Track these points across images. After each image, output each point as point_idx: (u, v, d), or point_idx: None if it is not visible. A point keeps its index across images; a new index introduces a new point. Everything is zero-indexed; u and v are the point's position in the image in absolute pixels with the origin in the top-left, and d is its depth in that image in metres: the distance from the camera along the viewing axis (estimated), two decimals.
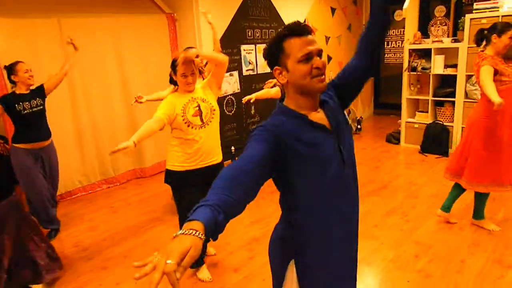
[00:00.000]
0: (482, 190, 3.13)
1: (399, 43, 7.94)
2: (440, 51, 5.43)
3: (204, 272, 2.77)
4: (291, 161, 1.26)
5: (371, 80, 8.14)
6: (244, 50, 5.64)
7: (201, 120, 2.50)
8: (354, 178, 1.46)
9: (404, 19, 7.23)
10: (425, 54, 5.61)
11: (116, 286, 2.77)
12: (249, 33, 5.68)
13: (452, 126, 5.36)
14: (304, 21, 6.52)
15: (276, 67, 1.31)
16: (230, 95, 5.47)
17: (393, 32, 8.00)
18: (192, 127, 2.48)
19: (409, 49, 5.70)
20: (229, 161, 5.56)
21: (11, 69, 3.29)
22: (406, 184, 4.35)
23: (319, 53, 1.26)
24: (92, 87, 4.49)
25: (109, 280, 2.84)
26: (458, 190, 3.32)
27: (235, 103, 5.62)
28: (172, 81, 2.60)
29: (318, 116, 1.32)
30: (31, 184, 3.41)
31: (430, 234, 3.25)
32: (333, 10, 7.16)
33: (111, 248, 3.31)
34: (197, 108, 2.50)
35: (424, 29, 5.87)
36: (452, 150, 5.35)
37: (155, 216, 3.88)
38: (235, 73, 5.57)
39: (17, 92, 3.34)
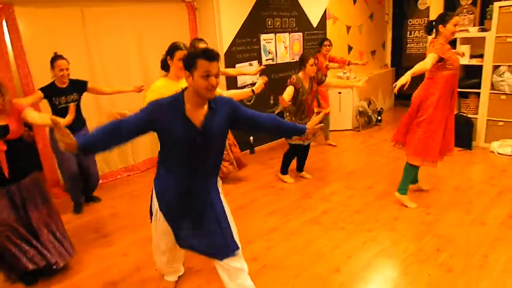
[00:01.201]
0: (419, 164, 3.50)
1: (422, 32, 7.74)
2: (466, 40, 5.27)
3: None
4: (159, 132, 1.95)
5: (392, 71, 7.98)
6: (263, 39, 5.59)
7: None
8: (206, 163, 2.03)
9: (427, 7, 7.04)
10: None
11: (136, 272, 2.82)
12: (269, 22, 5.62)
13: (477, 118, 5.22)
14: (324, 11, 6.42)
15: (188, 72, 1.84)
16: (249, 85, 5.45)
17: (416, 21, 7.81)
18: None
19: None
20: (248, 151, 5.57)
21: (51, 62, 3.47)
22: (427, 177, 4.25)
23: (217, 74, 1.84)
24: (112, 76, 4.53)
25: (129, 266, 2.89)
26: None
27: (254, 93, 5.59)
28: (164, 67, 2.82)
29: (198, 113, 1.91)
30: (63, 165, 3.70)
31: (452, 228, 3.18)
32: None
33: (132, 235, 3.37)
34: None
35: None
36: (476, 143, 5.23)
37: None
38: (255, 63, 5.53)
39: (57, 84, 3.53)
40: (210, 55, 1.81)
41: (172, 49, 2.72)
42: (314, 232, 3.26)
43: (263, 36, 5.57)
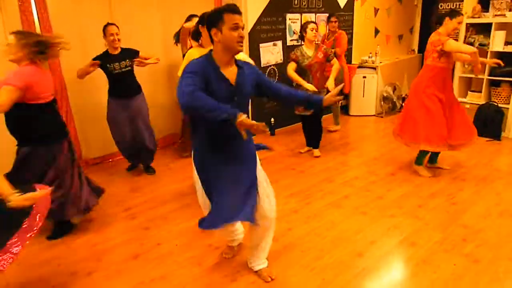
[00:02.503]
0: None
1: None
2: (502, 26, 5.04)
3: None
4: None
5: (418, 56, 7.74)
6: (289, 19, 5.47)
7: None
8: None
9: None
10: (484, 29, 5.23)
11: (157, 246, 2.84)
12: (296, 1, 5.48)
13: (508, 109, 5.02)
14: None
15: (214, 28, 1.88)
16: (273, 65, 5.36)
17: (448, 6, 7.50)
18: None
19: (467, 23, 5.32)
20: (268, 132, 5.51)
21: (103, 29, 3.66)
22: (453, 166, 4.14)
23: (243, 27, 1.90)
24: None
25: (150, 240, 2.92)
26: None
27: (277, 74, 5.51)
28: (194, 36, 2.96)
29: (229, 72, 1.96)
30: (117, 130, 3.95)
31: (479, 219, 3.09)
32: None
33: (153, 210, 3.39)
34: None
35: (485, 2, 5.43)
36: (506, 133, 5.05)
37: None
38: (279, 43, 5.43)
39: (110, 52, 3.73)
40: (235, 8, 1.89)
41: (204, 17, 2.79)
42: (335, 216, 3.21)
43: (289, 16, 5.45)
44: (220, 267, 2.56)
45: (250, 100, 2.16)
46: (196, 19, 3.66)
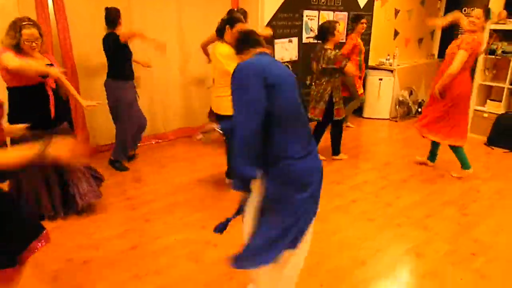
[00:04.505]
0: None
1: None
2: None
3: None
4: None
5: (437, 62, 7.53)
6: (306, 16, 5.35)
7: None
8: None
9: None
10: (508, 36, 5.03)
11: (156, 239, 2.78)
12: None
13: None
14: None
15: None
16: (287, 62, 5.26)
17: (472, 10, 7.26)
18: None
19: (490, 29, 5.13)
20: None
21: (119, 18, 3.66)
22: (467, 177, 4.00)
23: None
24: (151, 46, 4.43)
25: (149, 233, 2.86)
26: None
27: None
28: (219, 32, 3.17)
29: None
30: (136, 114, 3.97)
31: (491, 233, 2.96)
32: None
33: (155, 202, 3.34)
34: None
35: (510, 9, 5.23)
36: None
37: (200, 177, 3.86)
38: (295, 39, 5.32)
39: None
40: None
41: (234, 20, 3.04)
42: (341, 220, 3.11)
43: (306, 12, 5.33)
44: (217, 265, 2.49)
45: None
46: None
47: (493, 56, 5.07)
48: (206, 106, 4.85)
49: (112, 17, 3.56)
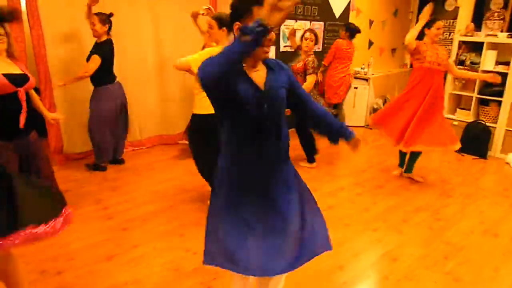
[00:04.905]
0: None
1: (446, 34, 7.51)
2: (494, 46, 5.08)
3: None
4: (222, 94, 1.52)
5: (410, 71, 7.77)
6: (284, 25, 5.43)
7: None
8: (275, 132, 1.63)
9: (455, 8, 6.80)
10: (476, 48, 5.26)
11: (133, 248, 2.74)
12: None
13: (495, 128, 5.05)
14: (349, 2, 6.24)
15: (238, 23, 1.48)
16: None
17: (442, 22, 7.56)
18: None
19: (459, 41, 5.36)
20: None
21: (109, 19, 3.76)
22: (439, 182, 4.14)
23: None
24: (126, 48, 4.40)
25: (127, 241, 2.82)
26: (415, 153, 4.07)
27: None
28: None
29: (257, 74, 1.56)
30: (110, 121, 3.94)
31: (462, 236, 3.07)
32: None
33: (132, 211, 3.29)
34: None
35: (478, 21, 5.48)
36: (492, 152, 5.07)
37: (178, 184, 3.83)
38: (272, 48, 5.39)
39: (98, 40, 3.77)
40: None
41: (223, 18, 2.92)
42: None
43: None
44: (196, 273, 2.48)
45: (285, 110, 1.68)
46: None
47: (462, 67, 5.27)
48: (183, 112, 4.85)
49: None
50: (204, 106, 2.85)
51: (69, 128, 4.21)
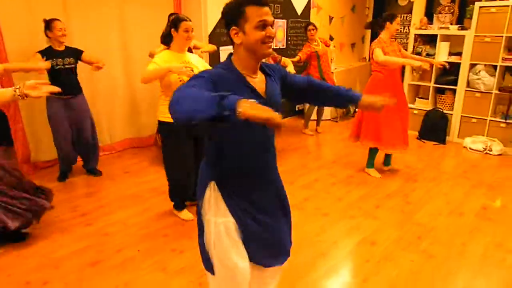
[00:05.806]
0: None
1: (401, 28, 7.87)
2: (446, 38, 5.41)
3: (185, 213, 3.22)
4: None
5: (369, 64, 8.09)
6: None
7: None
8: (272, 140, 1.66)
9: (408, 3, 7.16)
10: (430, 40, 5.58)
11: (117, 252, 2.72)
12: None
13: (452, 114, 5.39)
14: (309, 0, 6.40)
15: (234, 27, 1.42)
16: None
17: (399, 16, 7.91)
18: None
19: (415, 34, 5.66)
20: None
21: (48, 24, 3.53)
22: (405, 168, 4.37)
23: (272, 24, 1.43)
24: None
25: (110, 247, 2.79)
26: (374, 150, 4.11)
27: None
28: (165, 41, 2.88)
29: (257, 81, 1.50)
30: (57, 131, 3.76)
31: (431, 217, 3.28)
32: None
33: (111, 215, 3.25)
34: (192, 71, 2.67)
35: (431, 15, 5.81)
36: (450, 138, 5.41)
37: (154, 186, 3.81)
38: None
39: (54, 47, 3.61)
40: (258, 0, 1.39)
41: (176, 20, 2.79)
42: (297, 218, 3.22)
43: None
44: (185, 272, 2.51)
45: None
46: None
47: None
48: (153, 114, 4.79)
49: None
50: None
51: (35, 136, 4.07)
